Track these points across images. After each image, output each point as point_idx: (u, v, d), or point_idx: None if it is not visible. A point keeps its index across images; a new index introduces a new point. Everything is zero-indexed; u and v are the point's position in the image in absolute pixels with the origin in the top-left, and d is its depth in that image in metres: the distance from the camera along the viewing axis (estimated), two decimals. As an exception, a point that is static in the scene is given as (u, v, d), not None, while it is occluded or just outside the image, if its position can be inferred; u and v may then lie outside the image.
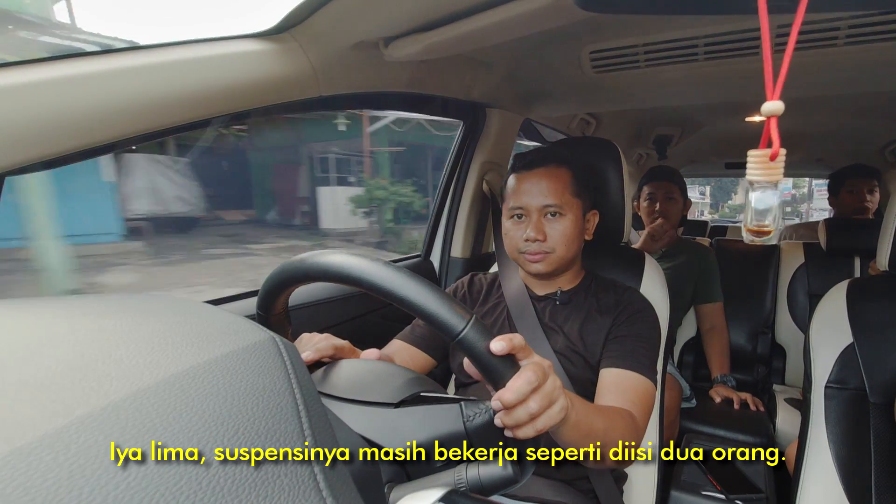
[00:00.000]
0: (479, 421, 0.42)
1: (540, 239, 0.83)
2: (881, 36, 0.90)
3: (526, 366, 0.44)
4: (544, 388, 0.44)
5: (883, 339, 0.81)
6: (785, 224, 2.90)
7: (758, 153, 0.39)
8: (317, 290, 1.04)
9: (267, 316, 0.51)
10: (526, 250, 0.85)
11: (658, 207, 1.67)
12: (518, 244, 0.86)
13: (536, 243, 0.84)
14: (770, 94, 0.37)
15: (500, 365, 0.42)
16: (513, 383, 0.42)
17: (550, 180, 0.84)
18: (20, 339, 0.24)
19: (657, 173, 1.73)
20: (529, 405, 0.42)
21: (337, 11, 0.72)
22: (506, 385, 0.42)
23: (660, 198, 1.67)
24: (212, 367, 0.24)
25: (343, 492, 0.24)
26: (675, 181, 1.70)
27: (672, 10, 0.82)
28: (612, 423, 0.64)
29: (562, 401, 0.47)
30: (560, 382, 0.48)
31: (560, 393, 0.47)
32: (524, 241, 0.84)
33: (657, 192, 1.68)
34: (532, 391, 0.42)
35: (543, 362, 0.46)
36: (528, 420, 0.42)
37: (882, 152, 2.12)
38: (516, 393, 0.41)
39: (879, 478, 0.78)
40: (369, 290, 0.42)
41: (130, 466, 0.19)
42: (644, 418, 0.74)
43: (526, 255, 0.85)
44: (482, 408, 0.42)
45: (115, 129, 0.58)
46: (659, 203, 1.67)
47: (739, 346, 1.84)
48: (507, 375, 0.42)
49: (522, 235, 0.84)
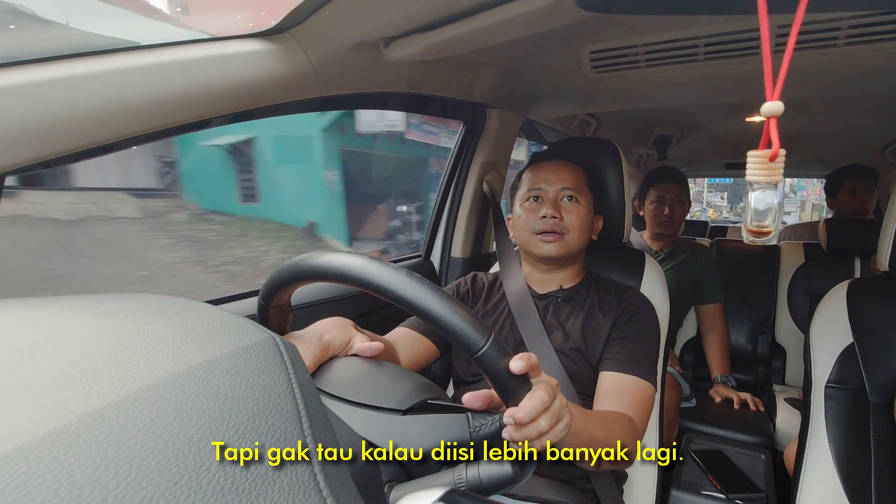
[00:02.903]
0: (486, 432, 0.43)
1: (556, 217, 0.84)
2: (881, 36, 0.90)
3: (538, 385, 0.45)
4: (553, 406, 0.45)
5: (883, 339, 0.81)
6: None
7: (758, 154, 0.39)
8: (317, 291, 1.04)
9: (268, 306, 0.50)
10: (541, 229, 0.85)
11: (667, 211, 1.66)
12: (532, 224, 0.87)
13: (553, 220, 0.84)
14: (769, 94, 0.37)
15: (514, 383, 0.43)
16: (526, 402, 0.43)
17: (569, 170, 0.88)
18: (20, 339, 0.24)
19: (665, 175, 1.71)
20: (539, 423, 0.43)
21: (337, 11, 0.72)
22: (518, 403, 0.43)
23: (669, 202, 1.66)
24: (212, 366, 0.24)
25: (343, 492, 0.24)
26: (683, 184, 1.69)
27: (672, 10, 0.82)
28: (611, 429, 0.64)
29: (567, 418, 0.48)
30: (566, 401, 0.49)
31: (566, 411, 0.48)
32: (540, 220, 0.85)
33: (667, 195, 1.66)
34: (544, 410, 0.44)
35: (552, 381, 0.47)
36: (536, 437, 0.44)
37: (882, 152, 2.12)
38: (529, 412, 0.42)
39: (879, 478, 0.78)
40: (391, 299, 0.42)
41: (131, 466, 0.19)
42: (643, 422, 0.75)
43: (540, 236, 0.86)
44: (489, 420, 0.43)
45: (115, 129, 0.58)
46: (668, 207, 1.66)
47: (739, 346, 1.84)
48: (521, 393, 0.43)
49: (538, 215, 0.86)
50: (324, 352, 0.52)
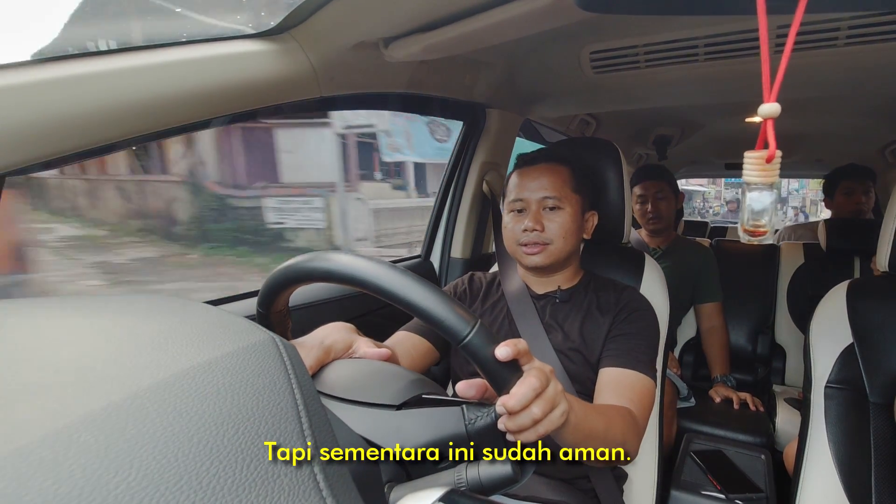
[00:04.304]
0: (481, 424, 0.42)
1: (538, 229, 0.84)
2: (881, 37, 0.90)
3: (529, 371, 0.44)
4: (546, 393, 0.44)
5: (883, 339, 0.81)
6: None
7: (754, 155, 0.39)
8: (317, 291, 1.04)
9: (267, 314, 0.51)
10: (524, 241, 0.86)
11: (650, 208, 1.67)
12: (517, 236, 0.87)
13: (535, 233, 0.84)
14: (767, 96, 0.37)
15: (503, 370, 0.42)
16: (517, 389, 0.42)
17: (550, 175, 0.86)
18: (21, 339, 0.24)
19: (641, 174, 1.74)
20: (532, 410, 0.43)
21: (337, 11, 0.72)
22: (509, 390, 0.42)
23: (651, 198, 1.68)
24: (212, 367, 0.24)
25: (343, 492, 0.24)
26: (664, 178, 1.70)
27: (672, 10, 0.82)
28: (612, 422, 0.64)
29: (563, 405, 0.47)
30: (561, 387, 0.48)
31: (562, 398, 0.47)
32: (522, 233, 0.85)
33: (647, 192, 1.68)
34: (535, 397, 0.43)
35: (545, 367, 0.46)
36: (530, 425, 0.43)
37: (882, 152, 2.12)
38: (520, 399, 0.42)
39: (879, 478, 0.78)
40: (375, 292, 0.42)
41: (131, 466, 0.19)
42: (644, 415, 0.74)
43: (524, 248, 0.86)
44: (484, 411, 0.43)
45: (115, 129, 0.58)
46: (651, 204, 1.67)
47: (739, 346, 1.84)
48: (511, 380, 0.43)
49: (521, 227, 0.86)
50: (325, 354, 0.52)
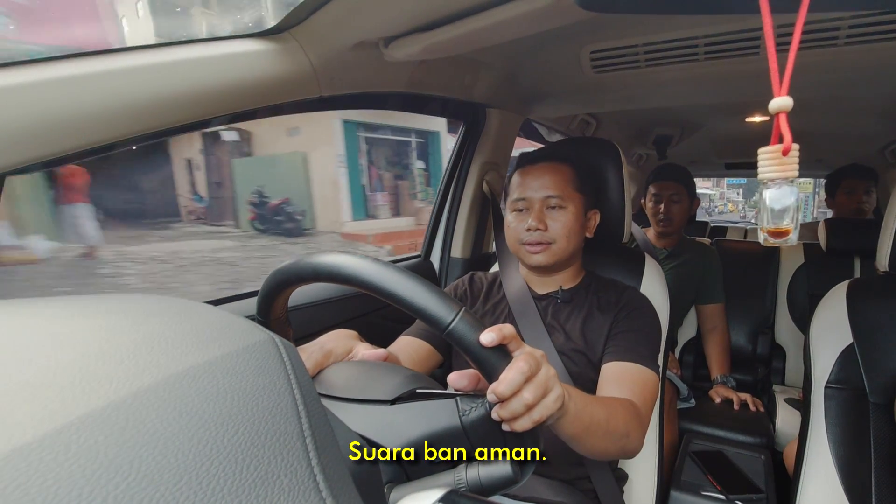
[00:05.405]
0: (475, 415, 0.41)
1: (541, 228, 0.84)
2: (882, 36, 0.90)
3: (518, 356, 0.43)
4: (538, 377, 0.44)
5: (883, 339, 0.81)
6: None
7: (770, 149, 0.38)
8: (317, 291, 1.04)
9: (266, 321, 0.51)
10: (527, 240, 0.85)
11: (662, 209, 1.65)
12: (519, 235, 0.87)
13: (538, 233, 0.84)
14: (777, 90, 0.36)
15: (491, 357, 0.42)
16: (505, 374, 0.41)
17: (553, 174, 0.86)
18: (20, 339, 0.24)
19: (663, 173, 1.70)
20: (524, 395, 0.42)
21: (337, 11, 0.72)
22: (499, 377, 0.42)
23: (664, 200, 1.65)
24: (211, 367, 0.24)
25: (343, 492, 0.24)
26: (681, 181, 1.67)
27: (672, 10, 0.82)
28: (614, 413, 0.63)
29: (557, 390, 0.46)
30: (554, 371, 0.47)
31: (555, 382, 0.46)
32: (525, 231, 0.85)
33: (662, 193, 1.66)
34: (525, 381, 0.42)
35: (536, 352, 0.46)
36: (523, 411, 0.42)
37: (882, 152, 2.11)
38: (509, 384, 0.41)
39: (879, 478, 0.78)
40: (359, 286, 0.42)
41: (131, 466, 0.19)
42: (648, 407, 0.73)
43: (527, 247, 0.86)
44: (478, 402, 0.42)
45: (115, 129, 0.58)
46: (664, 205, 1.65)
47: (739, 346, 1.84)
48: (500, 367, 0.42)
49: (524, 226, 0.85)
50: (325, 358, 0.52)
